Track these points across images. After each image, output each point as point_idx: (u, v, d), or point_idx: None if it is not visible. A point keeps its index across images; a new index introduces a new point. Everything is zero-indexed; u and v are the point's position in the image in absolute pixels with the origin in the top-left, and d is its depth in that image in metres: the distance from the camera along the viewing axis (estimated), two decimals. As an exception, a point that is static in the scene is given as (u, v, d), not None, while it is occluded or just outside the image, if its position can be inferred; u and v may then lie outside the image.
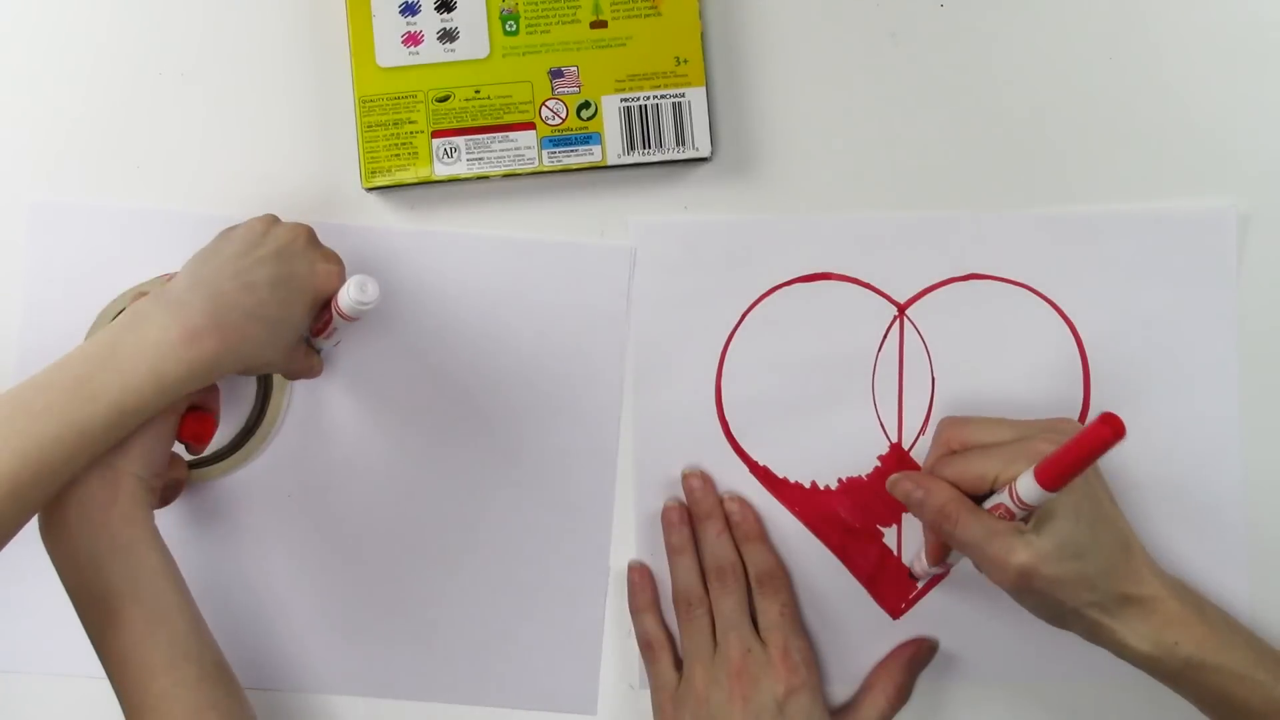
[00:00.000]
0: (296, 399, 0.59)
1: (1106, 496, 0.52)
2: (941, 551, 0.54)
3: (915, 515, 0.52)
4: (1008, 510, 0.48)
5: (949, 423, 0.54)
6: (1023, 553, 0.48)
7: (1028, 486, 0.46)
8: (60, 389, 0.45)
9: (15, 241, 0.59)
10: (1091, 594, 0.49)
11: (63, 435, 0.44)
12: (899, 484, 0.52)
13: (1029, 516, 0.48)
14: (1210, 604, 0.53)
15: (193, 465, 0.56)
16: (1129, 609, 0.50)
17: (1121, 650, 0.50)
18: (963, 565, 0.59)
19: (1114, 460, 0.49)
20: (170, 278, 0.57)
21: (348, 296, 0.50)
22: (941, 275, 0.59)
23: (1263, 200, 0.58)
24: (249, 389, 0.58)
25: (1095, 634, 0.50)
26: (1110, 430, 0.42)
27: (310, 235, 0.53)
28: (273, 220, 0.53)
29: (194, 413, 0.52)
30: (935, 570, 0.56)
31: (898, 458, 0.59)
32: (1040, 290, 0.58)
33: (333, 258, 0.53)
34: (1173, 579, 0.52)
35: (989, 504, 0.50)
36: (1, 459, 0.43)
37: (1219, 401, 0.58)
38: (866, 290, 0.59)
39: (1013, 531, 0.48)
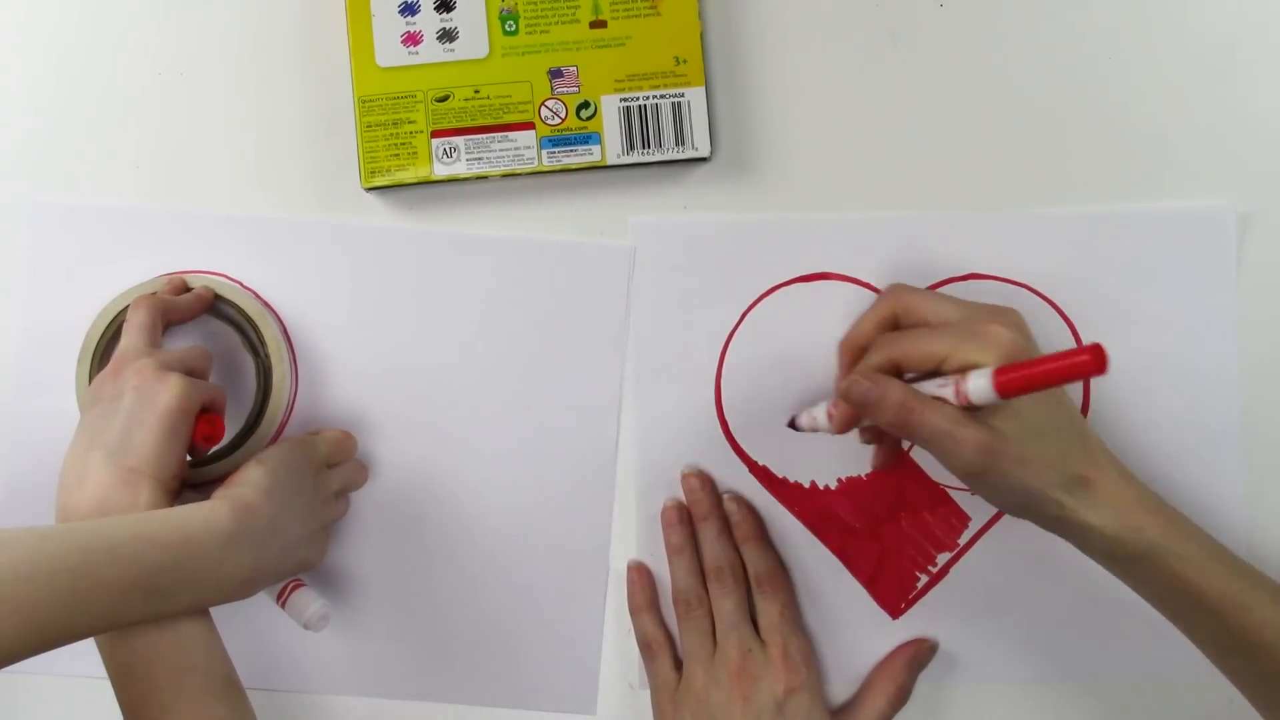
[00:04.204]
0: (296, 398, 0.59)
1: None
2: (852, 422, 0.52)
3: (871, 416, 0.50)
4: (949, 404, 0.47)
5: (898, 288, 0.53)
6: (986, 435, 0.47)
7: (980, 388, 0.45)
8: (133, 569, 0.44)
9: (15, 241, 0.59)
10: (1054, 475, 0.48)
11: (106, 614, 0.44)
12: (853, 387, 0.50)
13: (973, 408, 0.47)
14: (1160, 494, 0.51)
15: (194, 464, 0.56)
16: (1091, 491, 0.49)
17: (1085, 534, 0.49)
18: (961, 566, 0.59)
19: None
20: (172, 281, 0.57)
21: (299, 611, 0.54)
22: (941, 275, 0.59)
23: (1263, 200, 0.58)
24: (249, 388, 0.58)
25: (1060, 517, 0.49)
26: (1095, 363, 0.41)
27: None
28: (331, 495, 0.56)
29: (205, 415, 0.52)
30: (826, 429, 0.53)
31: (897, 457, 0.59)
32: (1040, 290, 0.58)
33: (327, 549, 0.57)
34: (1125, 465, 0.51)
35: (924, 387, 0.49)
36: (49, 599, 0.42)
37: (1219, 401, 0.58)
38: (866, 290, 0.59)
39: (973, 418, 0.47)
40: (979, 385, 0.45)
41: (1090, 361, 0.41)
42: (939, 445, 0.48)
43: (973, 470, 0.48)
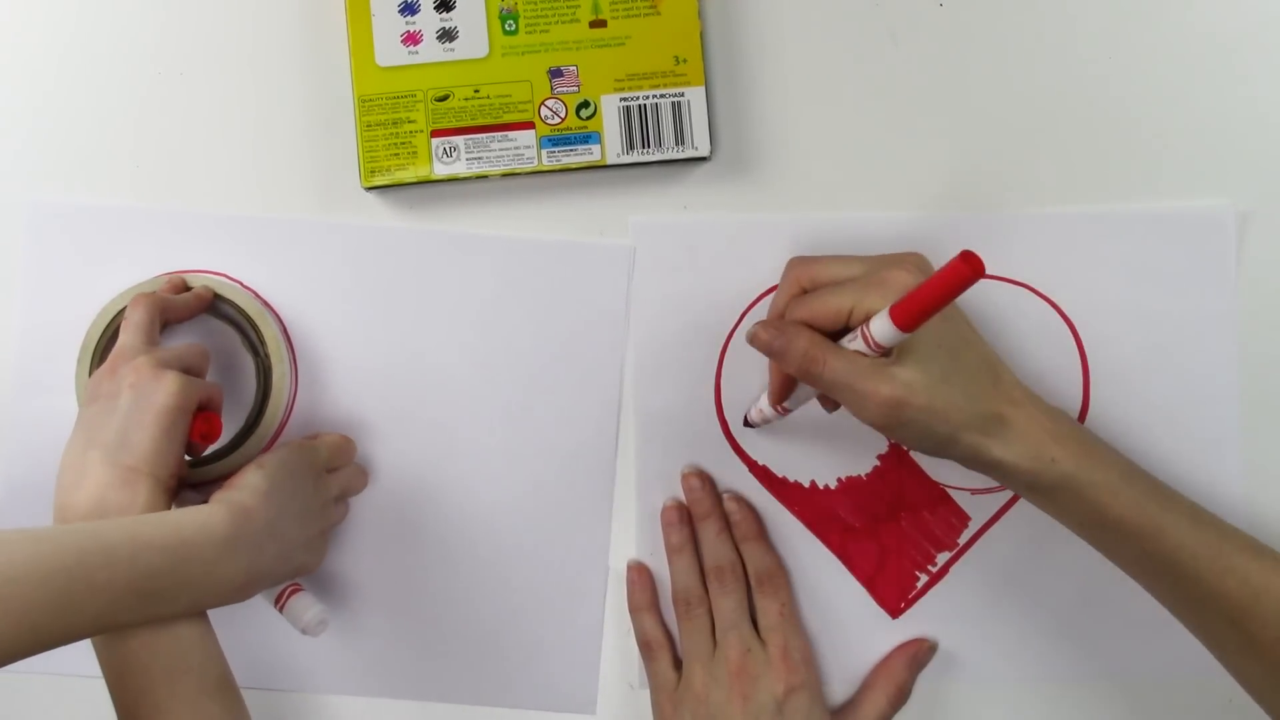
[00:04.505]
0: (296, 398, 0.59)
1: (965, 323, 0.52)
2: (783, 394, 0.53)
3: (779, 364, 0.51)
4: (862, 352, 0.48)
5: (797, 261, 0.53)
6: (890, 385, 0.47)
7: (882, 327, 0.46)
8: (129, 572, 0.44)
9: (15, 241, 0.59)
10: (964, 416, 0.48)
11: (101, 616, 0.44)
12: (758, 335, 0.50)
13: (888, 352, 0.48)
14: (1078, 423, 0.51)
15: (193, 464, 0.56)
16: (1003, 428, 0.49)
17: (1001, 470, 0.49)
18: (960, 565, 0.59)
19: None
20: (171, 281, 0.57)
21: (297, 616, 0.54)
22: (941, 275, 0.59)
23: (1262, 200, 0.58)
24: (249, 388, 0.58)
25: (975, 456, 0.49)
26: (969, 268, 0.41)
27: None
28: (330, 500, 0.56)
29: (202, 413, 0.52)
30: (774, 416, 0.55)
31: (897, 457, 0.59)
32: (1040, 290, 0.58)
33: (325, 554, 0.57)
34: (1041, 399, 0.51)
35: (843, 344, 0.49)
36: (44, 601, 0.42)
37: (1219, 401, 0.58)
38: (866, 290, 0.59)
39: (878, 366, 0.48)
40: (880, 325, 0.46)
41: (965, 267, 0.41)
42: (845, 397, 0.49)
43: (880, 423, 0.48)
